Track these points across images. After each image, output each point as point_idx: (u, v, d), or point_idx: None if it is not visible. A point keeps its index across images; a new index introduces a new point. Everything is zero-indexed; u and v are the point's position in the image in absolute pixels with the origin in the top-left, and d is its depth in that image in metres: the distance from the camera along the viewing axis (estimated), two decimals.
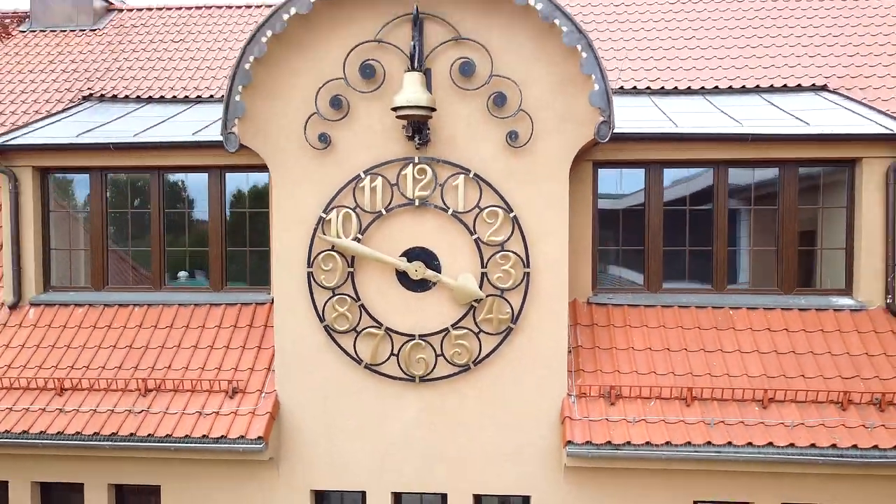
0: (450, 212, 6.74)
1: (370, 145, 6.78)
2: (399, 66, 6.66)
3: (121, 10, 12.13)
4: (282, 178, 6.91)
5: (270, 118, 6.82)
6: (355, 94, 6.73)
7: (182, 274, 8.32)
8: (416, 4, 6.55)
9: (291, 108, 6.79)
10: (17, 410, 7.09)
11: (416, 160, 6.72)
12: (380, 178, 6.77)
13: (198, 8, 12.09)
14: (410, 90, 6.23)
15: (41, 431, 6.85)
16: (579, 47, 6.35)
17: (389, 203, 6.79)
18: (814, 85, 9.13)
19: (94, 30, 11.65)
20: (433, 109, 6.36)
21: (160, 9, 12.18)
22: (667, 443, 6.35)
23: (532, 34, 6.55)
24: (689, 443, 6.34)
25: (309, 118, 6.78)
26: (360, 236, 6.82)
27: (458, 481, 6.92)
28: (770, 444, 6.29)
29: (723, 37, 10.31)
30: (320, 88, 6.75)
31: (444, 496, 7.01)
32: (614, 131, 6.64)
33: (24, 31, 11.76)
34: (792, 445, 6.27)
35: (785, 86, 9.17)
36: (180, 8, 12.13)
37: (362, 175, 6.77)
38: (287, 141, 6.83)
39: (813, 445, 6.26)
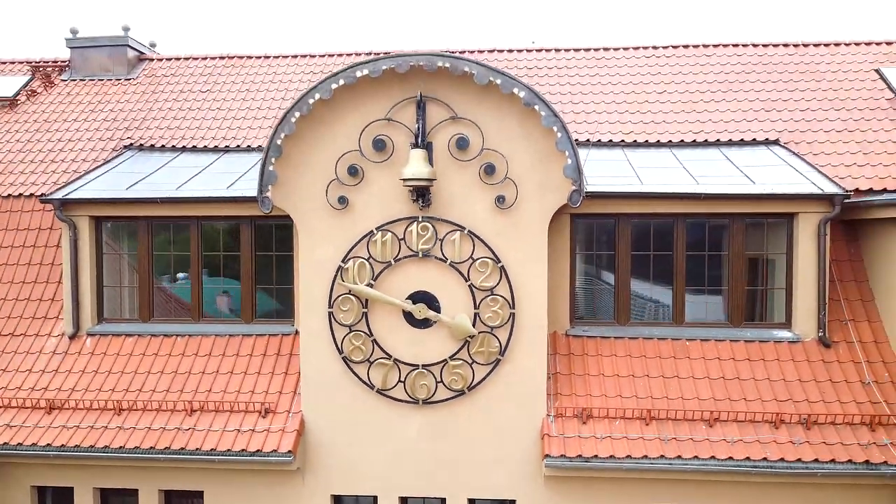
0: (448, 262, 8.05)
1: (381, 206, 8.09)
2: (405, 140, 7.97)
3: (152, 60, 13.43)
4: (307, 234, 8.22)
5: (298, 184, 8.12)
6: (369, 163, 8.04)
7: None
8: (420, 90, 7.86)
9: (315, 175, 8.10)
10: (83, 428, 8.39)
11: (420, 219, 8.03)
12: (389, 233, 8.08)
13: (221, 58, 13.39)
14: (415, 165, 7.55)
15: (105, 446, 8.16)
16: (555, 128, 7.66)
17: (397, 254, 8.10)
18: (766, 139, 10.42)
19: (129, 79, 12.94)
20: (434, 179, 7.68)
21: (188, 58, 13.48)
22: (627, 456, 7.66)
23: (517, 116, 7.86)
24: (646, 456, 7.66)
25: (330, 183, 8.09)
26: (372, 282, 8.13)
27: (455, 487, 8.23)
28: (713, 457, 7.60)
29: (690, 91, 11.59)
30: (339, 159, 8.06)
31: (443, 500, 8.32)
32: (588, 190, 7.98)
33: (65, 80, 13.06)
34: (731, 458, 7.58)
35: (742, 140, 10.47)
36: (206, 58, 13.43)
37: (375, 231, 8.08)
38: (311, 202, 8.14)
39: (748, 458, 7.57)
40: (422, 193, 7.89)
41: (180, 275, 9.90)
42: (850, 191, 9.29)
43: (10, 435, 8.35)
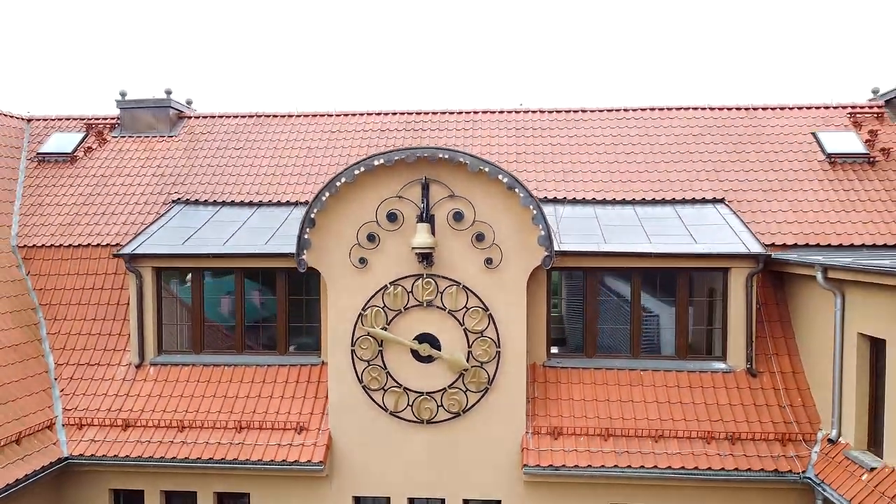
0: (447, 310, 10.06)
1: (393, 265, 10.10)
2: (413, 213, 9.98)
3: (190, 118, 15.44)
4: (334, 287, 10.24)
5: (327, 247, 10.14)
6: (384, 231, 10.06)
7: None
8: (425, 175, 9.88)
9: (341, 241, 10.11)
10: (153, 442, 10.41)
11: (424, 276, 10.04)
12: (400, 287, 10.09)
13: (250, 116, 15.40)
14: (421, 236, 9.58)
15: (173, 457, 10.18)
16: (531, 207, 9.68)
17: (406, 303, 10.12)
18: (714, 198, 12.42)
19: (171, 136, 14.95)
20: (434, 247, 9.70)
21: (221, 116, 15.49)
22: (589, 465, 9.68)
23: (501, 195, 9.87)
24: (603, 465, 9.68)
25: (352, 247, 10.11)
26: (386, 326, 10.14)
27: (453, 489, 10.25)
28: (655, 466, 9.62)
29: (654, 153, 13.57)
30: (360, 227, 10.07)
31: (443, 500, 10.34)
32: (561, 249, 10.02)
33: (115, 137, 15.06)
34: (670, 468, 9.61)
35: (693, 199, 12.47)
36: (236, 116, 15.44)
37: (388, 285, 10.10)
38: (338, 262, 10.16)
39: (683, 468, 9.59)
40: (426, 256, 9.90)
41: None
42: (780, 244, 11.37)
43: (95, 448, 10.37)
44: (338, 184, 9.87)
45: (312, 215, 9.95)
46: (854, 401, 9.02)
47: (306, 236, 10.01)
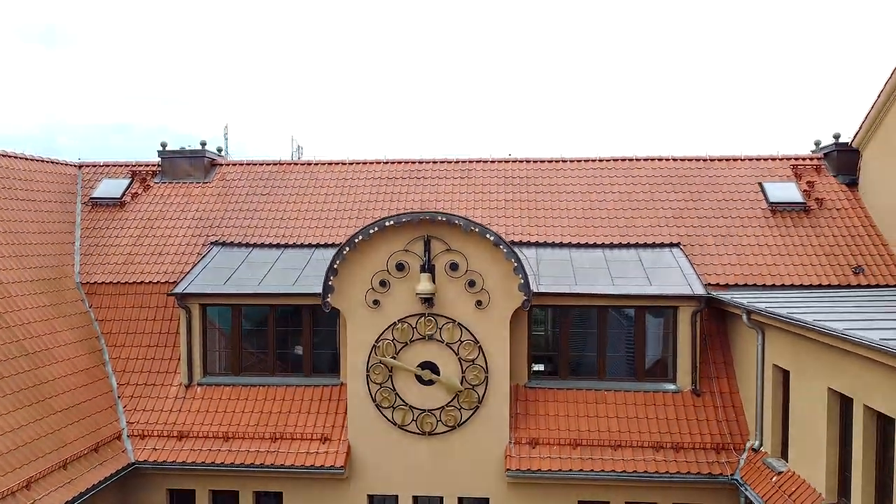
0: (444, 343, 12.31)
1: (401, 306, 12.35)
2: (417, 263, 12.23)
3: (222, 165, 17.68)
4: (352, 323, 12.48)
5: (347, 292, 12.39)
6: (393, 278, 12.30)
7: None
8: (427, 233, 12.13)
9: (358, 286, 12.36)
10: (202, 450, 12.65)
11: (426, 315, 12.29)
12: (406, 323, 12.34)
13: (274, 164, 17.64)
14: (423, 284, 11.83)
15: (221, 462, 12.43)
16: (512, 260, 11.93)
17: (411, 337, 12.36)
18: (671, 243, 14.65)
19: (206, 182, 17.19)
20: (434, 292, 11.95)
21: (249, 164, 17.73)
22: (560, 470, 11.93)
23: (489, 250, 12.12)
24: (571, 470, 11.93)
25: (367, 291, 12.36)
26: (395, 355, 12.40)
27: (450, 490, 12.49)
28: (613, 470, 11.87)
29: (622, 200, 15.78)
30: (374, 275, 12.32)
31: (441, 498, 12.57)
32: (539, 291, 12.26)
33: (157, 183, 17.30)
34: (625, 471, 11.86)
35: (653, 243, 14.70)
36: (262, 164, 17.67)
37: (397, 322, 12.35)
38: (356, 303, 12.40)
39: (635, 471, 11.84)
40: (427, 300, 12.15)
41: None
42: (723, 285, 13.62)
43: (156, 455, 12.62)
44: (356, 241, 12.13)
45: (335, 266, 12.21)
46: (770, 418, 11.27)
47: (330, 283, 12.27)
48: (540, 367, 13.45)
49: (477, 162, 17.27)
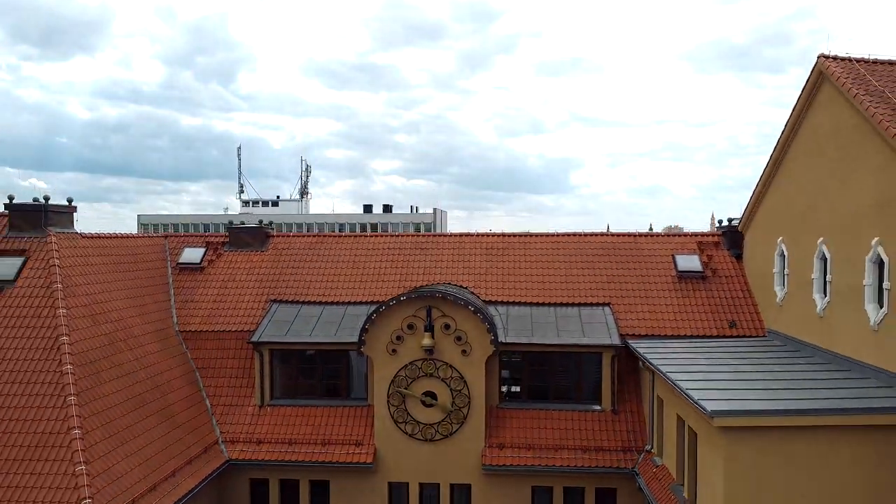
0: (440, 378, 18.03)
1: (410, 353, 18.07)
2: (421, 324, 17.95)
3: (275, 237, 23.38)
4: (377, 365, 18.22)
5: (373, 344, 18.11)
6: (405, 334, 18.03)
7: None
8: (429, 304, 17.85)
9: (381, 341, 18.08)
10: (273, 451, 18.33)
11: (428, 359, 18.01)
12: (414, 365, 18.07)
13: (314, 237, 23.33)
14: (426, 340, 17.59)
15: (286, 460, 18.11)
16: (486, 324, 17.65)
17: (418, 375, 18.08)
18: (602, 303, 20.32)
19: (263, 251, 22.88)
20: (434, 345, 17.70)
21: (295, 236, 23.43)
22: (519, 464, 17.63)
23: (471, 315, 17.84)
24: (527, 464, 17.63)
25: (387, 343, 18.08)
26: (407, 387, 18.11)
27: (444, 479, 18.20)
28: (555, 465, 17.56)
29: (570, 267, 21.44)
30: (392, 332, 18.04)
31: (438, 484, 18.27)
32: (506, 341, 17.98)
33: (226, 251, 22.99)
34: (563, 465, 17.54)
35: (591, 303, 20.36)
36: (303, 236, 23.36)
37: (408, 364, 18.08)
38: (380, 351, 18.13)
39: (569, 465, 17.53)
40: (429, 350, 17.86)
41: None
42: (639, 335, 19.29)
43: (242, 455, 18.29)
44: (381, 310, 17.85)
45: (366, 326, 17.94)
46: (655, 430, 16.96)
47: (363, 338, 17.99)
48: (508, 393, 19.16)
49: (466, 236, 23.00)
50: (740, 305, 20.15)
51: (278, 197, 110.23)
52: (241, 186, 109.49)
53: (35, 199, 18.64)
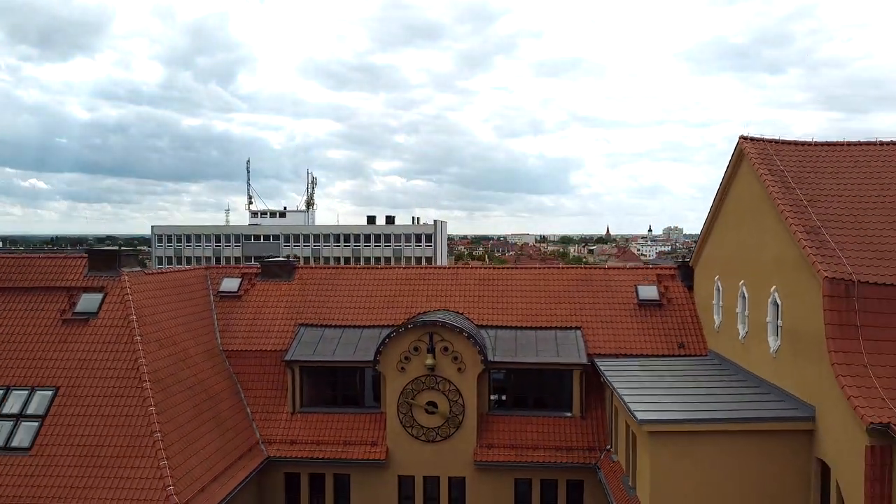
0: (440, 391, 22.07)
1: (416, 370, 22.10)
2: (425, 347, 21.98)
3: (301, 268, 27.37)
4: (389, 379, 22.25)
5: (385, 363, 22.14)
6: (411, 355, 22.07)
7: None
8: (431, 331, 21.89)
9: (391, 359, 22.11)
10: (304, 450, 22.34)
11: (430, 375, 22.04)
12: (419, 380, 22.11)
13: (334, 268, 27.32)
14: (429, 360, 21.66)
15: (314, 457, 22.13)
16: (477, 347, 21.69)
17: (422, 388, 22.12)
18: (574, 326, 24.33)
19: (290, 281, 26.88)
20: (435, 364, 21.76)
21: (320, 268, 27.43)
22: (505, 461, 21.66)
23: (465, 339, 21.86)
24: (510, 461, 21.65)
25: (397, 362, 22.11)
26: (413, 398, 22.14)
27: (443, 472, 22.23)
28: (534, 461, 21.58)
29: (549, 298, 25.44)
30: (401, 353, 22.08)
31: (438, 477, 22.31)
32: (493, 360, 22.03)
33: (259, 282, 26.99)
34: (540, 461, 21.56)
35: (566, 326, 24.37)
36: (324, 268, 27.37)
37: (414, 379, 22.11)
38: (391, 368, 22.16)
39: (546, 461, 21.55)
40: (431, 368, 21.90)
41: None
42: (603, 354, 23.29)
43: (278, 453, 22.30)
44: (392, 335, 21.89)
45: (380, 349, 21.96)
46: (614, 433, 20.97)
47: (377, 358, 22.02)
48: (497, 402, 23.19)
49: (463, 268, 27.02)
50: (689, 329, 24.17)
51: (285, 208, 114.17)
52: (251, 198, 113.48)
53: (108, 243, 22.64)
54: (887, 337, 14.25)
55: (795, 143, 19.68)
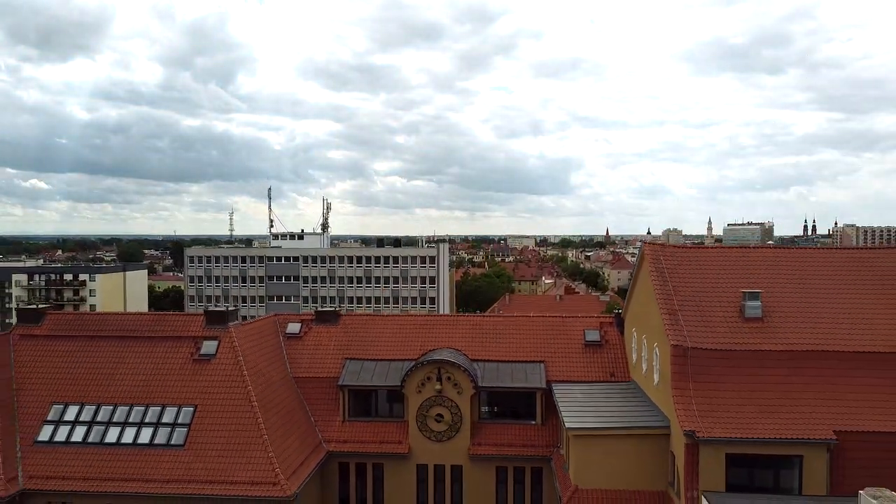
0: (445, 406, 31.97)
1: (429, 392, 31.98)
2: (434, 377, 31.88)
3: (344, 315, 37.21)
4: (409, 398, 32.15)
5: (408, 385, 32.03)
6: (426, 382, 31.98)
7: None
8: (438, 366, 31.82)
9: (412, 384, 31.99)
10: (353, 446, 32.22)
11: (438, 395, 31.96)
12: (431, 399, 32.02)
13: (368, 316, 37.20)
14: (437, 386, 31.61)
15: (359, 451, 32.02)
16: (470, 377, 31.63)
17: (432, 404, 32.02)
18: (539, 360, 34.15)
19: (336, 325, 36.71)
20: (443, 389, 31.72)
21: (357, 315, 37.29)
22: (490, 454, 31.55)
23: (463, 371, 31.76)
24: (492, 454, 31.55)
25: (416, 385, 32.02)
26: (427, 411, 32.06)
27: (448, 462, 32.09)
28: (510, 454, 31.45)
29: (520, 337, 35.26)
30: (418, 381, 31.99)
31: (444, 465, 32.18)
32: (482, 385, 31.99)
33: (314, 325, 36.80)
34: (514, 454, 31.43)
35: (533, 360, 34.19)
36: (362, 315, 37.25)
37: (427, 398, 32.02)
38: (412, 391, 32.04)
39: (519, 454, 31.43)
40: (439, 391, 31.81)
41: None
42: (557, 380, 33.21)
43: (335, 448, 32.16)
44: (412, 369, 31.81)
45: (404, 378, 31.87)
46: (562, 434, 30.86)
47: (403, 383, 31.93)
48: (484, 413, 33.07)
49: (460, 316, 36.89)
50: (618, 363, 34.02)
51: (302, 230, 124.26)
52: (272, 222, 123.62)
53: (218, 307, 32.56)
54: (707, 380, 24.14)
55: (678, 247, 29.60)
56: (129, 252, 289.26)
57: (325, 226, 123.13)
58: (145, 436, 28.68)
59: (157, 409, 29.43)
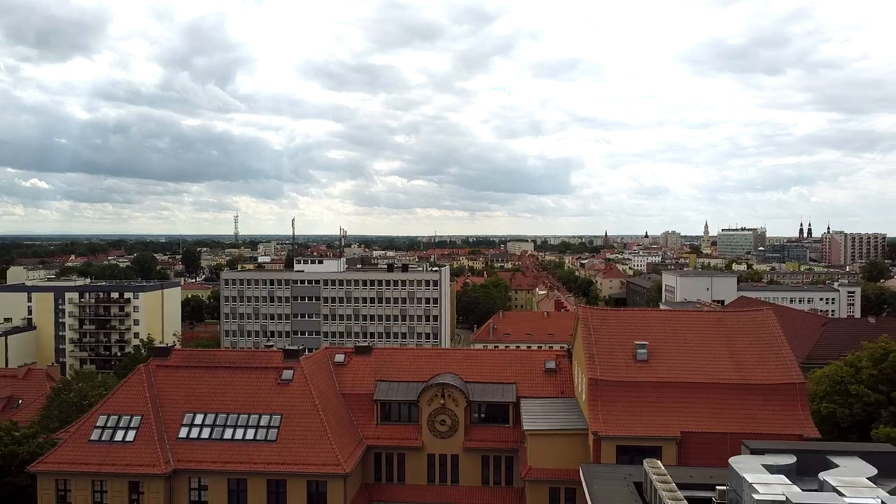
0: (447, 414, 45.87)
1: (436, 404, 45.89)
2: (440, 394, 45.78)
3: (375, 349, 51.06)
4: (423, 409, 46.00)
5: (422, 400, 45.95)
6: (433, 397, 45.89)
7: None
8: (443, 388, 45.74)
9: (425, 399, 45.88)
10: (385, 442, 46.09)
11: (442, 407, 45.87)
12: (437, 409, 45.95)
13: (394, 349, 51.03)
14: (441, 401, 45.56)
15: (388, 445, 45.93)
16: (465, 394, 45.53)
17: (438, 413, 45.95)
18: (512, 382, 47.93)
19: (370, 356, 50.56)
20: (446, 404, 45.70)
21: (385, 349, 51.17)
22: (478, 447, 45.44)
23: (460, 390, 45.65)
24: (479, 447, 45.44)
25: (427, 400, 45.95)
26: (434, 418, 45.99)
27: (449, 452, 45.91)
28: (488, 447, 45.35)
29: (495, 365, 49.09)
30: (429, 396, 45.88)
31: (447, 454, 46.04)
32: (472, 400, 45.93)
33: (353, 356, 50.64)
34: (492, 447, 45.41)
35: (507, 382, 47.99)
36: (390, 349, 51.11)
37: (435, 408, 45.95)
38: (425, 403, 45.85)
39: (496, 447, 45.36)
40: (443, 404, 45.70)
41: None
42: (525, 397, 47.14)
43: (371, 443, 46.03)
44: (424, 388, 45.71)
45: (419, 394, 45.76)
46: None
47: (418, 398, 45.83)
48: (476, 419, 46.90)
49: (458, 350, 50.82)
50: (566, 385, 47.78)
51: (321, 256, 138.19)
52: (294, 248, 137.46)
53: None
54: (608, 399, 37.96)
55: (603, 310, 43.46)
56: (142, 259, 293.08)
57: (341, 253, 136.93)
58: (250, 434, 42.54)
59: (256, 417, 43.31)
